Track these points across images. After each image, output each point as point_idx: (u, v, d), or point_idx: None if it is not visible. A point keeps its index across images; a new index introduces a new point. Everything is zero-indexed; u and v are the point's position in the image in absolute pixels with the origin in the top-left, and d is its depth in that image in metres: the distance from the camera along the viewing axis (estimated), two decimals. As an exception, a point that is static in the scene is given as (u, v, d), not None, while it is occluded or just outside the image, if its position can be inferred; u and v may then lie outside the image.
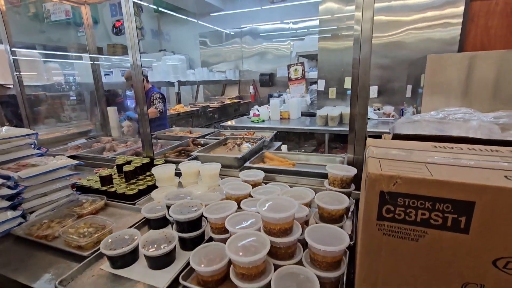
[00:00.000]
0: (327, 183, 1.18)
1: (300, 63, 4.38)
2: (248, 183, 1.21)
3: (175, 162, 1.57)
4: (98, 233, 1.06)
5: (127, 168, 1.54)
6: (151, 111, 3.12)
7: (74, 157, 2.03)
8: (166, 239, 0.96)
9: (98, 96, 2.89)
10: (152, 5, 7.39)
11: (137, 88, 1.77)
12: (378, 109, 3.51)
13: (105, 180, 1.49)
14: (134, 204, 1.36)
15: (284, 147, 2.17)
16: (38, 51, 3.24)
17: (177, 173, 1.49)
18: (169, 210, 0.99)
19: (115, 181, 1.55)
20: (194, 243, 0.98)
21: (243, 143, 1.95)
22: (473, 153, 0.70)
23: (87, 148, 2.30)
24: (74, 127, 3.03)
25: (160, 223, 1.13)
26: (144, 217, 1.16)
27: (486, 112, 0.97)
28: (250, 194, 1.13)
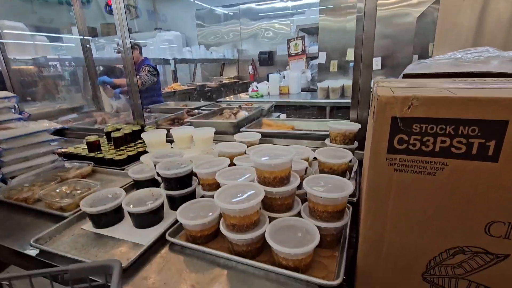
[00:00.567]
0: (328, 141, 1.09)
1: (301, 37, 4.20)
2: (244, 144, 1.12)
3: (168, 129, 1.48)
4: (82, 195, 0.99)
5: (116, 135, 1.45)
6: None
7: (63, 129, 1.94)
8: (153, 197, 0.88)
9: (90, 72, 2.79)
10: (146, -17, 7.08)
11: (127, 59, 1.67)
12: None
13: (93, 146, 1.41)
14: (123, 170, 1.28)
15: (283, 116, 2.07)
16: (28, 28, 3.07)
17: (170, 141, 1.40)
18: (156, 167, 0.91)
19: (104, 149, 1.47)
20: (184, 203, 0.90)
21: (240, 112, 1.85)
22: (501, 82, 0.60)
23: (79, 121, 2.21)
24: (66, 103, 2.92)
25: (149, 185, 1.05)
26: (132, 180, 1.08)
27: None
28: (245, 152, 1.04)
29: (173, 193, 0.89)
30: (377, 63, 3.30)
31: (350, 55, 3.37)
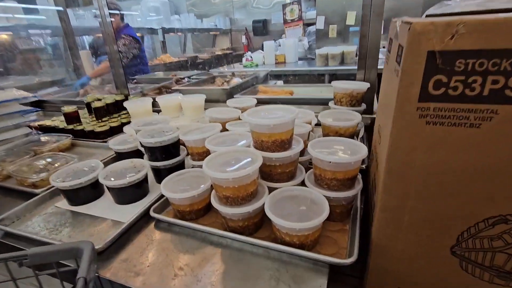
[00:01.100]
0: (333, 103, 0.97)
1: (296, 1, 3.91)
2: (238, 109, 1.00)
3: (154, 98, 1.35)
4: (57, 170, 0.87)
5: (97, 105, 1.31)
6: (105, 66, 2.35)
7: (42, 102, 1.79)
8: (135, 168, 0.77)
9: (69, 42, 2.56)
10: None
11: (105, 25, 1.50)
12: (383, 47, 3.18)
13: (71, 118, 1.27)
14: (106, 142, 1.16)
15: (280, 83, 1.92)
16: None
17: (157, 111, 1.27)
18: (137, 135, 0.79)
19: (85, 121, 1.33)
20: (171, 174, 0.80)
21: (233, 79, 1.71)
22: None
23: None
24: (47, 76, 2.72)
25: (132, 157, 0.94)
26: (114, 153, 0.97)
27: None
28: (239, 118, 0.92)
29: (158, 164, 0.78)
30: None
31: (351, 19, 3.14)
